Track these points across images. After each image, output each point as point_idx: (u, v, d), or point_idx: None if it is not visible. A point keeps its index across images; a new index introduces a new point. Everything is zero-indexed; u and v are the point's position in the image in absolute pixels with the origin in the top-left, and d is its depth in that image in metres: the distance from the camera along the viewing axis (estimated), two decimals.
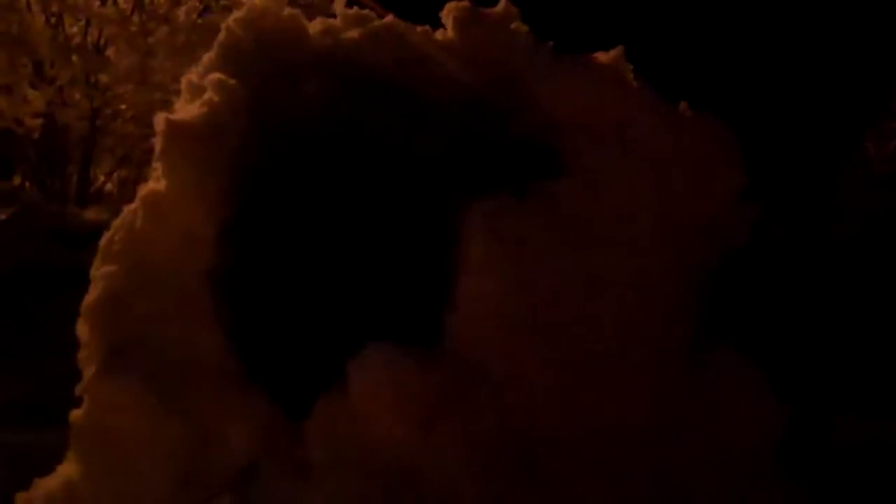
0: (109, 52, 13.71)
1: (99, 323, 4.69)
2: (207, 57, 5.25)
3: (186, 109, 5.05)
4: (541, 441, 3.35)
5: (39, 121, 13.36)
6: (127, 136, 14.61)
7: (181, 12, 13.84)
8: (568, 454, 3.35)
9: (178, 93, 15.08)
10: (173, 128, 4.90)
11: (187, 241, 4.71)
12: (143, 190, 4.95)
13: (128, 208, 4.94)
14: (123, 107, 14.10)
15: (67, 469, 4.68)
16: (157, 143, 4.98)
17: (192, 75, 5.30)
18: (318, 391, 4.19)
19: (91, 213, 13.38)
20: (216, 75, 5.00)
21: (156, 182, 4.90)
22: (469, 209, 4.20)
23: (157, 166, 4.93)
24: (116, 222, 4.92)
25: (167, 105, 14.16)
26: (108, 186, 15.64)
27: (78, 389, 4.71)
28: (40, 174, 14.18)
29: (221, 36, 5.23)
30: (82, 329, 4.73)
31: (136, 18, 13.46)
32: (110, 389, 4.52)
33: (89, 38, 13.80)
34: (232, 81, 4.96)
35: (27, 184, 14.60)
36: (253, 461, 4.13)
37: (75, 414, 4.67)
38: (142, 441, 4.38)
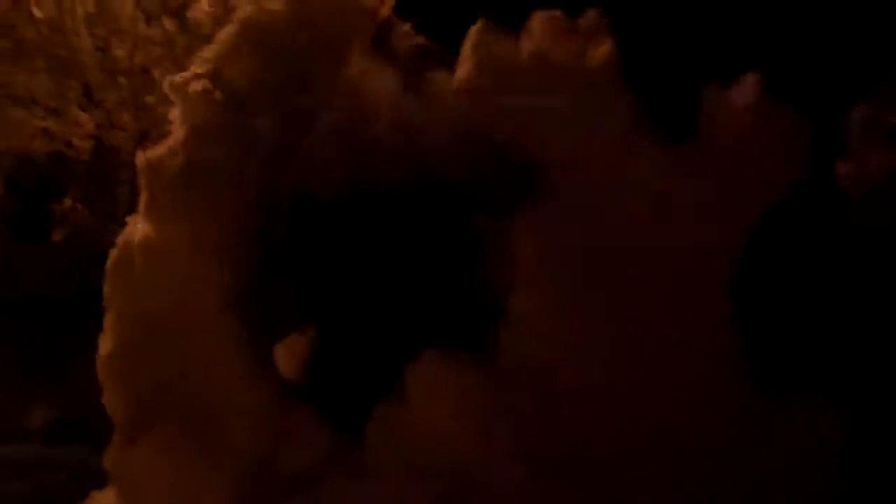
0: (156, 73, 13.85)
1: (119, 377, 4.50)
2: (224, 37, 4.64)
3: (168, 140, 4.60)
4: (596, 446, 3.32)
5: (89, 143, 13.47)
6: None
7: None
8: (625, 461, 3.32)
9: None
10: (152, 170, 4.46)
11: (195, 283, 4.49)
12: (136, 233, 4.55)
13: (118, 251, 4.56)
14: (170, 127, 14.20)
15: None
16: (140, 183, 4.55)
17: (190, 71, 4.70)
18: (375, 398, 4.19)
19: None
20: (200, 84, 4.48)
21: (148, 227, 4.50)
22: (514, 226, 4.17)
23: (143, 212, 4.52)
24: (109, 267, 4.60)
25: None
26: None
27: (106, 458, 4.53)
28: (90, 196, 14.30)
29: (247, 10, 4.64)
30: (102, 376, 4.51)
31: (180, 40, 13.56)
32: (144, 452, 4.35)
33: (136, 61, 13.92)
34: (219, 95, 4.50)
35: (78, 205, 14.75)
36: (314, 469, 4.13)
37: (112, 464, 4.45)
38: (186, 486, 4.25)
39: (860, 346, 4.64)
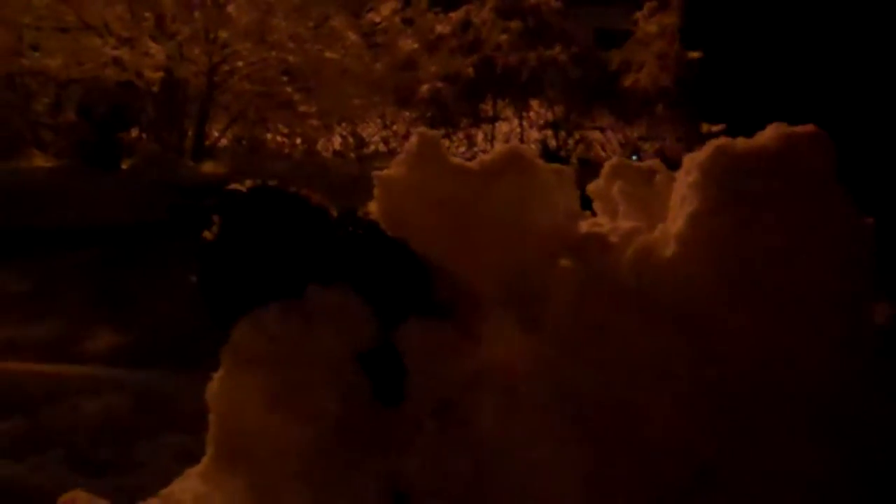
0: (230, 8, 13.90)
1: None
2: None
3: None
4: (735, 388, 3.27)
5: (159, 74, 13.60)
6: (243, 94, 14.83)
7: None
8: (759, 406, 3.27)
9: (293, 52, 15.02)
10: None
11: None
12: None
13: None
14: (240, 64, 14.28)
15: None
16: None
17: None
18: None
19: (206, 168, 13.67)
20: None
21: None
22: None
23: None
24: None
25: (283, 64, 14.39)
26: (223, 142, 15.94)
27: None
28: (158, 127, 14.47)
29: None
30: None
31: None
32: None
33: None
34: None
35: (144, 136, 14.94)
36: None
37: None
38: None
39: None
